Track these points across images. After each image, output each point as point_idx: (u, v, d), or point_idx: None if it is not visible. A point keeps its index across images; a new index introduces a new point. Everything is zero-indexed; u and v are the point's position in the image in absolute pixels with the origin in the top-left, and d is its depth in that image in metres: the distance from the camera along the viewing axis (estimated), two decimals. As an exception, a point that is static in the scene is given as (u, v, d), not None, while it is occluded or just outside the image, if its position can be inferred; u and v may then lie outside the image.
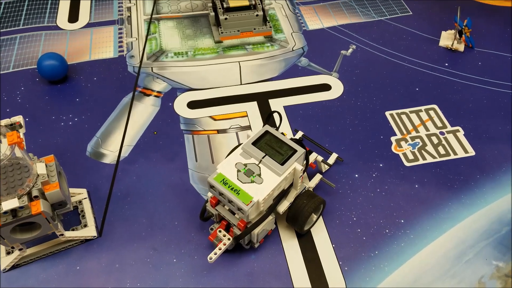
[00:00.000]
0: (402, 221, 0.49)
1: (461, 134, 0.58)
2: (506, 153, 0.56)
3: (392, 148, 0.56)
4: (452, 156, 0.55)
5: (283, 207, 0.45)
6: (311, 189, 0.49)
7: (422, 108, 0.61)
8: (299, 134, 0.55)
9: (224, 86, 0.63)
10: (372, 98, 0.62)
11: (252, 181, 0.41)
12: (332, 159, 0.52)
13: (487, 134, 0.58)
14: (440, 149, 0.56)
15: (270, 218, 0.44)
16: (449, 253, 0.46)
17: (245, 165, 0.42)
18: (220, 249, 0.43)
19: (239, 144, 0.48)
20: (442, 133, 0.58)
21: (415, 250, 0.46)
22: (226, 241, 0.43)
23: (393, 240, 0.47)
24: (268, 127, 0.45)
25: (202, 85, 0.63)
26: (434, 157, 0.55)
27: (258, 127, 0.58)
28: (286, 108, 0.61)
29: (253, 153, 0.43)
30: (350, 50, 0.69)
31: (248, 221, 0.42)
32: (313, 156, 0.50)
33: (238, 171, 0.42)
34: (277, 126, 0.50)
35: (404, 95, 0.63)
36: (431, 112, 0.60)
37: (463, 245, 0.47)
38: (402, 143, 0.57)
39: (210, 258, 0.42)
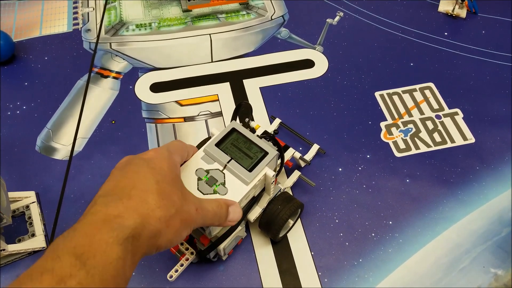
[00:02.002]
0: (390, 222, 0.43)
1: (459, 117, 0.51)
2: (509, 139, 0.49)
3: (382, 135, 0.50)
4: (449, 144, 0.49)
5: (254, 214, 0.39)
6: (287, 190, 0.43)
7: (417, 87, 0.54)
8: (276, 123, 0.48)
9: (192, 64, 0.55)
10: (360, 76, 0.55)
11: (215, 192, 0.35)
12: (312, 152, 0.46)
13: (489, 117, 0.51)
14: (436, 136, 0.49)
15: (239, 228, 0.38)
16: (441, 259, 0.41)
17: (207, 171, 0.36)
18: (182, 266, 0.37)
19: (209, 138, 0.42)
20: (438, 117, 0.51)
21: (404, 256, 0.41)
22: (189, 255, 0.38)
23: (380, 246, 0.42)
24: (235, 124, 0.38)
25: (167, 64, 0.55)
26: (428, 145, 0.49)
27: (230, 113, 0.51)
28: (263, 89, 0.53)
29: (216, 156, 0.36)
30: (337, 19, 0.61)
31: (211, 237, 0.36)
32: (290, 153, 0.44)
33: (199, 179, 0.35)
34: (248, 119, 0.43)
35: (397, 71, 0.56)
36: (427, 92, 0.53)
37: (458, 251, 0.42)
38: (393, 129, 0.50)
39: (171, 277, 0.37)
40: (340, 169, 0.47)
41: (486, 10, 0.62)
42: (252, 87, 0.53)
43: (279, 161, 0.40)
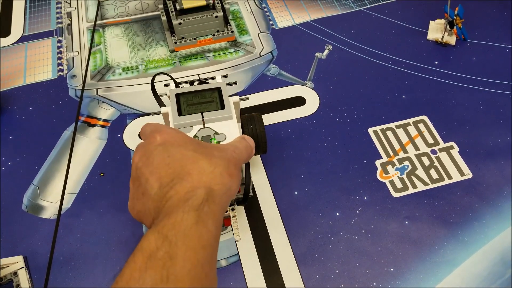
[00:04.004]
0: (392, 269, 0.42)
1: (455, 151, 0.50)
2: (507, 173, 0.48)
3: (378, 175, 0.49)
4: (447, 181, 0.48)
5: None
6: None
7: (410, 121, 0.53)
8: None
9: (181, 108, 0.54)
10: (352, 111, 0.54)
11: (218, 143, 0.37)
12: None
13: (486, 150, 0.50)
14: (433, 172, 0.49)
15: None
16: (446, 309, 0.40)
17: (196, 136, 0.38)
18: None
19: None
20: (434, 152, 0.50)
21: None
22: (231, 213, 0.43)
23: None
24: (173, 90, 0.41)
25: (156, 108, 0.54)
26: (426, 183, 0.48)
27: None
28: (255, 132, 0.52)
29: (189, 122, 0.38)
30: (326, 52, 0.60)
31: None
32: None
33: None
34: (176, 84, 0.45)
35: (389, 105, 0.55)
36: (421, 126, 0.53)
37: (463, 298, 0.40)
38: (389, 167, 0.49)
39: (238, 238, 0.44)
40: (337, 214, 0.46)
41: (475, 36, 0.62)
42: (243, 129, 0.52)
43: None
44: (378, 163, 0.50)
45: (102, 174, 0.49)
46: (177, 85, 0.44)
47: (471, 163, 0.49)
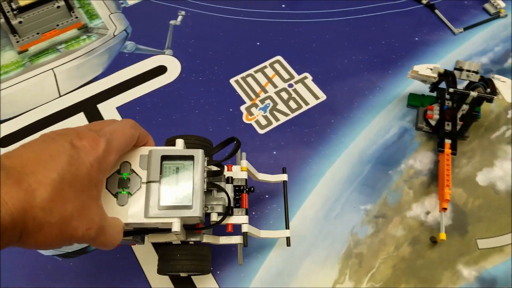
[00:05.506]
0: (267, 196, 0.46)
1: (309, 80, 0.55)
2: (355, 86, 0.54)
3: (244, 118, 0.52)
4: (305, 108, 0.52)
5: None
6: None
7: (267, 63, 0.57)
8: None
9: (40, 104, 0.53)
10: (213, 68, 0.56)
11: (115, 196, 0.31)
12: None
13: (335, 72, 0.55)
14: (292, 103, 0.53)
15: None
16: (316, 215, 0.44)
17: (131, 171, 0.32)
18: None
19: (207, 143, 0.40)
20: (290, 86, 0.54)
21: (283, 223, 0.43)
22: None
23: (261, 221, 0.44)
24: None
25: (13, 112, 0.52)
26: (287, 114, 0.52)
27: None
28: (120, 109, 0.53)
29: (151, 167, 0.32)
30: (179, 19, 0.62)
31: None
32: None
33: (118, 172, 0.32)
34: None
35: (246, 54, 0.58)
36: (276, 66, 0.56)
37: (329, 202, 0.45)
38: (253, 109, 0.52)
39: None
40: (212, 163, 0.48)
41: (313, -25, 0.67)
42: (108, 109, 0.52)
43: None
44: (242, 108, 0.52)
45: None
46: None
47: (324, 86, 0.54)
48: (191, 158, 0.33)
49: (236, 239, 0.37)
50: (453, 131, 0.47)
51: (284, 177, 0.42)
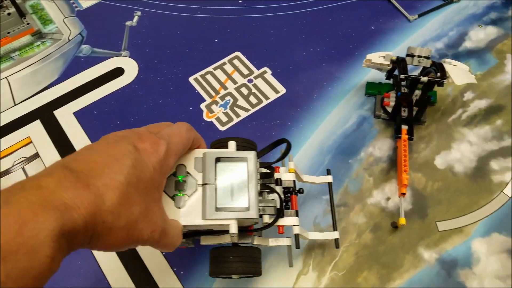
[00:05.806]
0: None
1: (269, 74, 0.55)
2: (314, 78, 0.54)
3: (204, 116, 0.51)
4: (265, 102, 0.52)
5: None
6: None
7: (226, 60, 0.56)
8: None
9: (-6, 115, 0.51)
10: (171, 67, 0.56)
11: (172, 199, 0.31)
12: None
13: (294, 65, 0.56)
14: (252, 98, 0.52)
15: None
16: (279, 208, 0.44)
17: (187, 174, 0.32)
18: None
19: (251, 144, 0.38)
20: (250, 81, 0.54)
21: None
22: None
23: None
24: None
25: None
26: (247, 110, 0.51)
27: (47, 150, 0.48)
28: (77, 114, 0.51)
29: (206, 169, 0.32)
30: (135, 19, 0.61)
31: None
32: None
33: (174, 174, 0.32)
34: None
35: (204, 51, 0.57)
36: (236, 62, 0.56)
37: (291, 194, 0.45)
38: (213, 107, 0.52)
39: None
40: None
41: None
42: (65, 115, 0.51)
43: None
44: (203, 106, 0.52)
45: None
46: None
47: (283, 80, 0.54)
48: (244, 159, 0.33)
49: (284, 241, 0.37)
50: (409, 117, 0.47)
51: (329, 178, 0.42)
